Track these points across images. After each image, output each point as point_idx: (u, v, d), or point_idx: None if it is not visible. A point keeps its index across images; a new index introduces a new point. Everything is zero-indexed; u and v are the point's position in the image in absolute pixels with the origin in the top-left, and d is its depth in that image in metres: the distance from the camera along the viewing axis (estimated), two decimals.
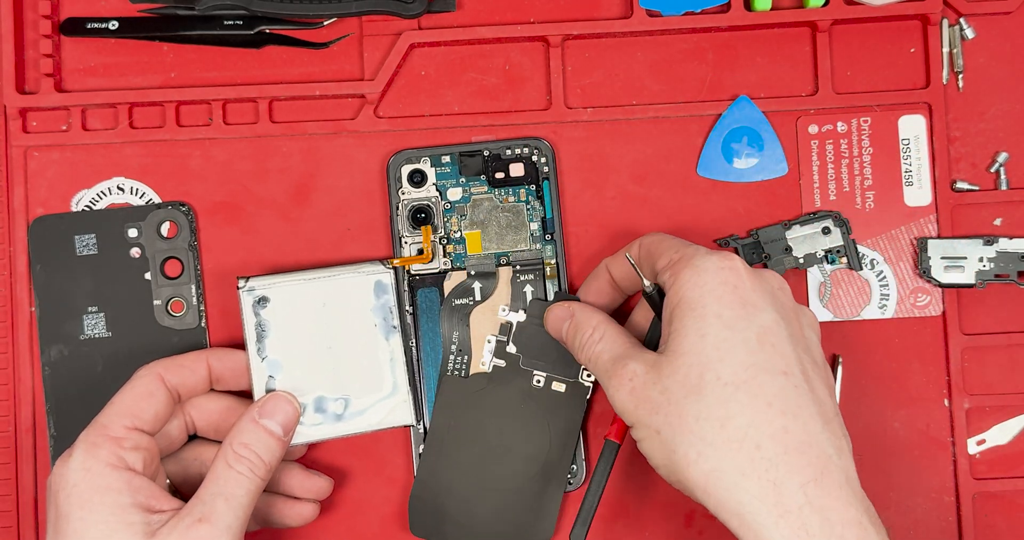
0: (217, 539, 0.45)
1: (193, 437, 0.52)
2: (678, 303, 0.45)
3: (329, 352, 0.52)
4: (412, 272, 0.54)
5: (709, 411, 0.43)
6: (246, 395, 0.52)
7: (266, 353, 0.51)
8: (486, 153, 0.55)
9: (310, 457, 0.55)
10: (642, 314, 0.52)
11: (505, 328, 0.54)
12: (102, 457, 0.46)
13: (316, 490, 0.53)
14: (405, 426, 0.53)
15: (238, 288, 0.51)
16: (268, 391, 0.51)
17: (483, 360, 0.54)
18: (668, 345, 0.45)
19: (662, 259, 0.47)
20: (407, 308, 0.54)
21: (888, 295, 0.56)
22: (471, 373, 0.54)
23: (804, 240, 0.55)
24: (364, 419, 0.52)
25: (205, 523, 0.45)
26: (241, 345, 0.52)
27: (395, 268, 0.53)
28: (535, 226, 0.55)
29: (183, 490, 0.52)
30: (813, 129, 0.56)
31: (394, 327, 0.52)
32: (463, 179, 0.55)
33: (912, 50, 0.57)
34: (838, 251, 0.55)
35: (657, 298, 0.48)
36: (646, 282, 0.48)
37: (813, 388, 0.44)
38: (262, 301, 0.51)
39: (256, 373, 0.51)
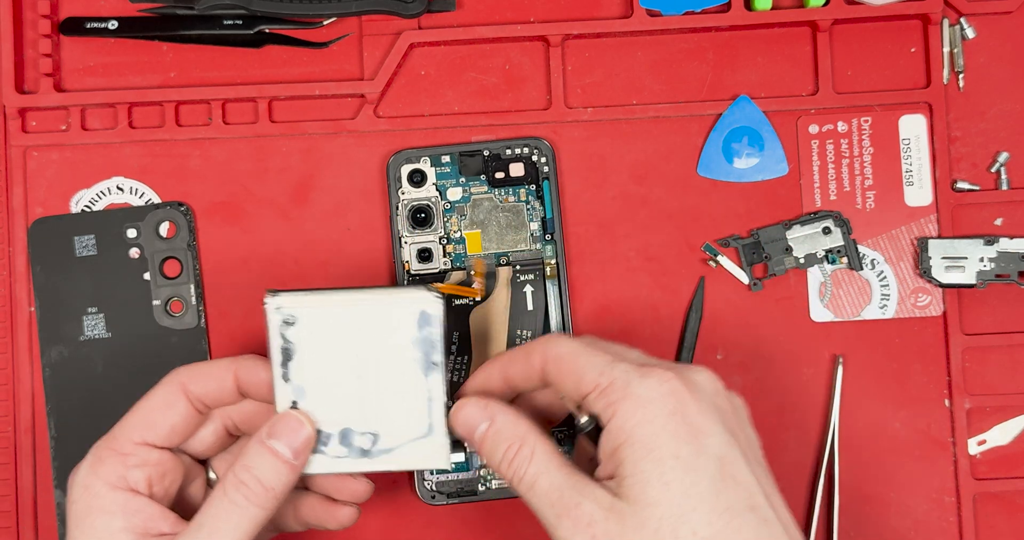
0: None
1: None
2: (625, 441, 0.40)
3: (359, 382, 0.45)
4: (411, 272, 0.54)
5: None
6: None
7: (291, 377, 0.45)
8: (486, 153, 0.55)
9: None
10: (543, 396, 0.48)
11: None
12: (102, 475, 0.44)
13: (351, 493, 0.48)
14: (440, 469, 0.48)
15: (264, 303, 0.45)
16: None
17: None
18: (626, 489, 0.40)
19: (584, 382, 0.42)
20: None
21: (889, 295, 0.56)
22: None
23: (804, 240, 0.55)
24: (393, 458, 0.46)
25: None
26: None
27: (446, 296, 0.45)
28: (535, 226, 0.55)
29: None
30: (813, 129, 0.56)
31: (434, 363, 0.45)
32: (463, 179, 0.55)
33: (912, 50, 0.57)
34: (838, 251, 0.55)
35: (595, 432, 0.43)
36: (583, 419, 0.43)
37: (772, 504, 0.41)
38: (290, 321, 0.45)
39: (280, 395, 0.45)
